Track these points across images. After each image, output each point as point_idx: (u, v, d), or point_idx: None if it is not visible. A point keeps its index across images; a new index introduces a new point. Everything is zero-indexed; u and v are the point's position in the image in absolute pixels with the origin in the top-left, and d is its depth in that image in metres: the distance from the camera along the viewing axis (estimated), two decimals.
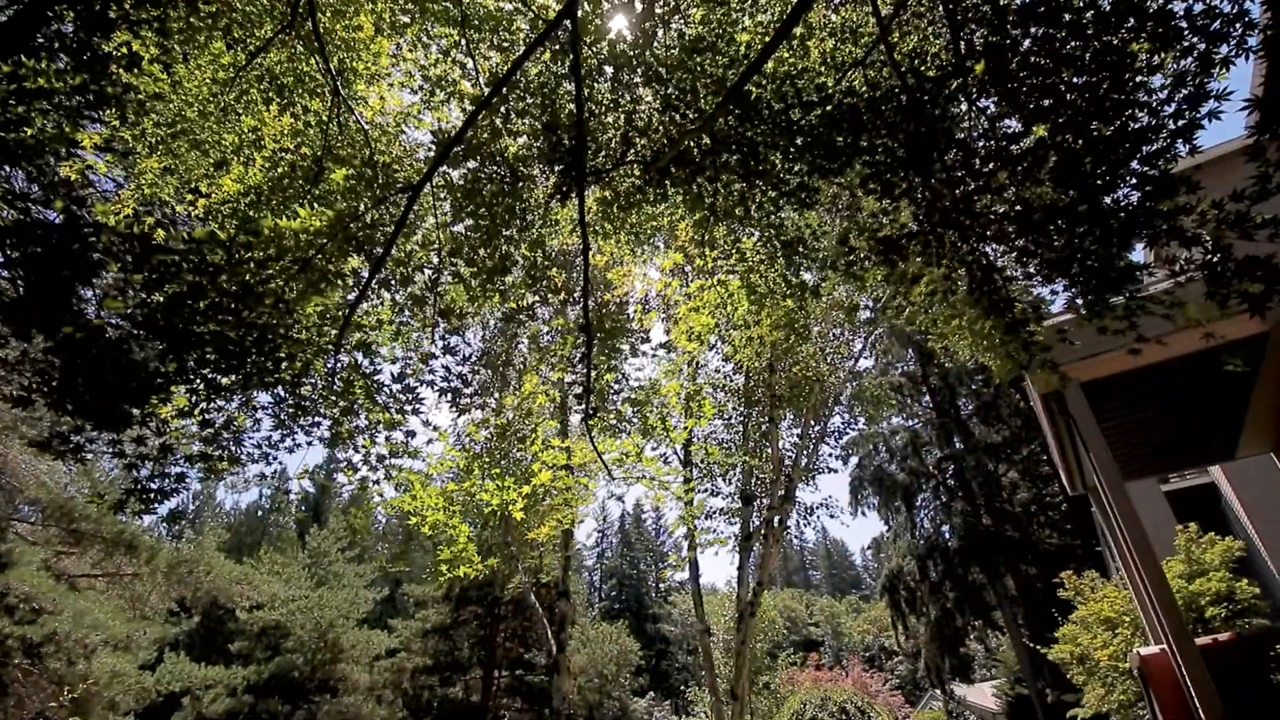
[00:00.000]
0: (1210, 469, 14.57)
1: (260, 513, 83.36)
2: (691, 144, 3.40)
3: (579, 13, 3.33)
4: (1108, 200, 2.67)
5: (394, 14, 4.38)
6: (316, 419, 4.39)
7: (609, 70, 3.81)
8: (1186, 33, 2.53)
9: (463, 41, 4.29)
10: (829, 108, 3.17)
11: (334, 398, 4.27)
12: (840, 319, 10.22)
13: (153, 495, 3.77)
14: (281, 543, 37.68)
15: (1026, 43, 2.84)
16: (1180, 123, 2.69)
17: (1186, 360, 8.93)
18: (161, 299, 3.23)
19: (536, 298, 4.42)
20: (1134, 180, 2.55)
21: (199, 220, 4.00)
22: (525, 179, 3.99)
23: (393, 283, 4.25)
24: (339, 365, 4.21)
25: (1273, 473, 12.52)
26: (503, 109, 3.95)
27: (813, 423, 9.69)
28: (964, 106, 3.12)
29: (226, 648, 22.52)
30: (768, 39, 3.42)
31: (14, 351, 3.84)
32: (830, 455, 11.05)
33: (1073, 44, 2.73)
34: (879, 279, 3.18)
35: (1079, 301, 2.76)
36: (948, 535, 34.19)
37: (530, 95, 3.91)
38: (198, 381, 3.54)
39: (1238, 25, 2.46)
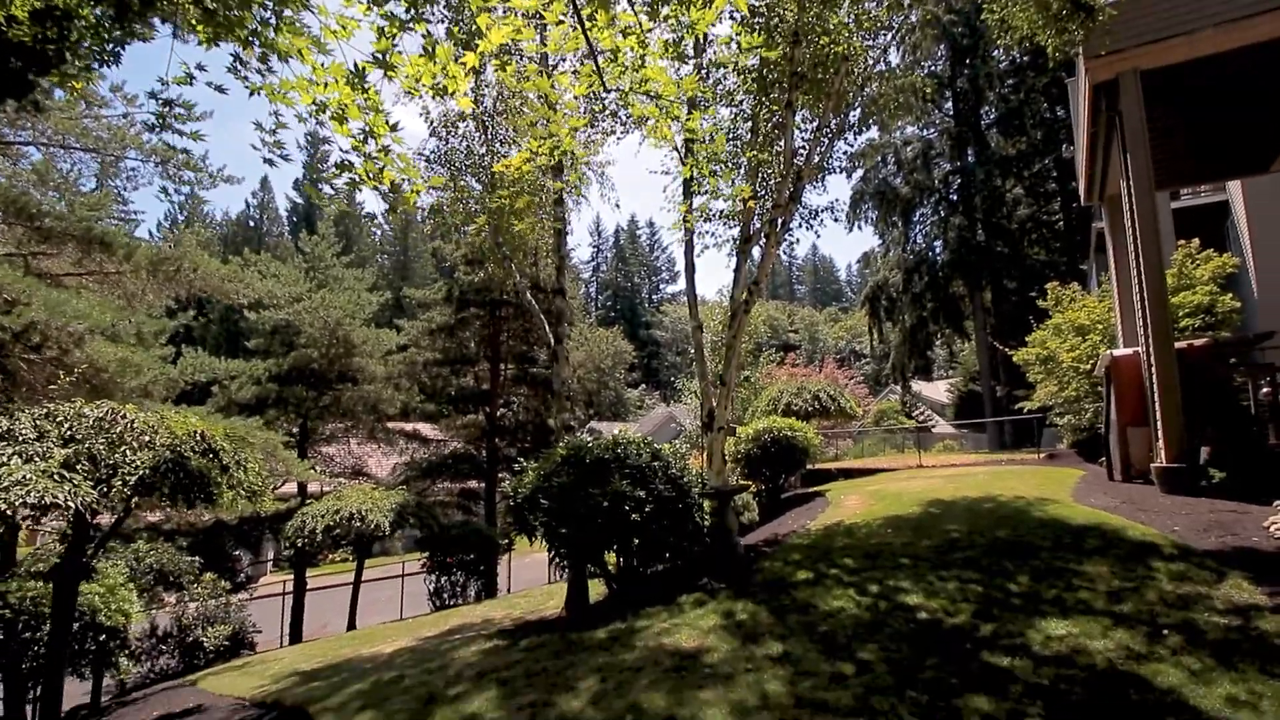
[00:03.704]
0: (1228, 186, 14.04)
1: (251, 223, 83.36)
2: None
3: None
4: None
5: None
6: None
7: None
8: None
9: None
10: None
11: None
12: None
13: (19, 74, 2.90)
14: (281, 251, 37.80)
15: None
16: None
17: (1254, 51, 7.65)
18: None
19: None
20: None
21: None
22: None
23: None
24: None
25: None
26: None
27: (832, 116, 8.57)
28: None
29: (246, 346, 24.07)
30: None
31: None
32: (844, 154, 10.10)
33: None
34: None
35: None
36: (939, 249, 34.68)
37: None
38: None
39: None
